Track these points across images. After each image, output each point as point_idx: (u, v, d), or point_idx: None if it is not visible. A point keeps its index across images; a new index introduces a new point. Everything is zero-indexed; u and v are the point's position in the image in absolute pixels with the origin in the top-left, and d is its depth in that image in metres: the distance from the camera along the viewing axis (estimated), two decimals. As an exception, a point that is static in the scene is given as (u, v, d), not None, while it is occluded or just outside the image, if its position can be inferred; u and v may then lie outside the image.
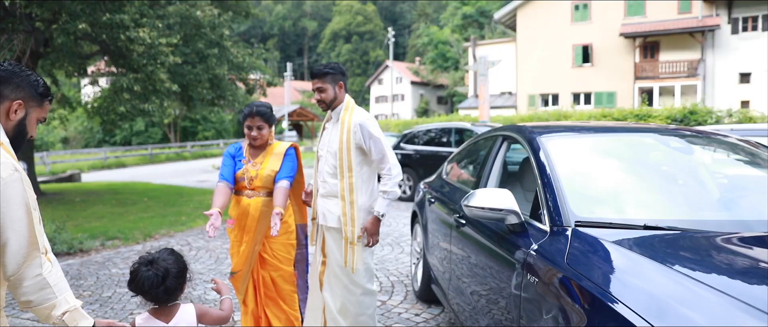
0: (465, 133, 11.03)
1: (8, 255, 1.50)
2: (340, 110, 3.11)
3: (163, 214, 9.52)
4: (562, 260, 1.94)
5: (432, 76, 52.89)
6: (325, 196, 3.14)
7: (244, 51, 11.24)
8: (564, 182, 2.40)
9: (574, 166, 2.63)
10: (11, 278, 1.53)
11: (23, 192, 1.53)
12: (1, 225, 1.48)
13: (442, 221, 3.73)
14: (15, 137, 1.66)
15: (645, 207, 2.35)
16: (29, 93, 1.68)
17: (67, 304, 1.62)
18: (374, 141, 3.03)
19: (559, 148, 2.71)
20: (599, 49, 28.09)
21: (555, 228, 2.20)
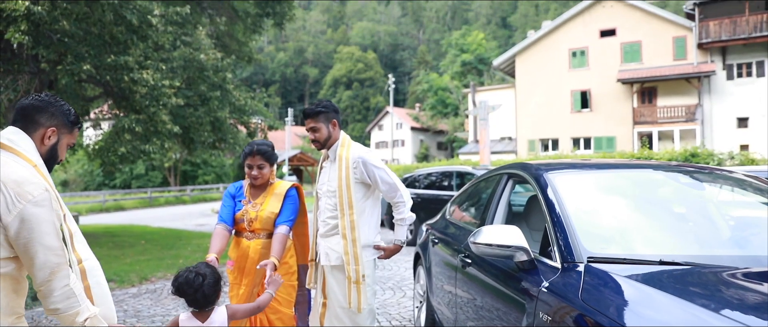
0: (466, 177, 10.98)
1: (37, 267, 1.65)
2: (337, 147, 3.07)
3: (161, 257, 9.37)
4: (576, 297, 1.86)
5: (432, 122, 53.33)
6: (326, 235, 3.07)
7: (246, 94, 11.34)
8: (574, 218, 2.34)
9: (583, 202, 2.57)
10: (41, 288, 1.67)
11: (52, 211, 1.69)
12: (31, 239, 1.64)
13: (446, 262, 3.64)
14: (47, 160, 1.86)
15: (657, 243, 2.29)
16: (62, 121, 1.89)
17: (88, 311, 1.75)
18: (379, 171, 3.00)
19: (566, 184, 2.66)
20: (597, 95, 28.40)
21: (566, 264, 2.12)
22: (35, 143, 1.82)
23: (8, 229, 1.63)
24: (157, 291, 6.69)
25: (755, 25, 24.27)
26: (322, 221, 3.07)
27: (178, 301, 6.13)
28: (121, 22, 7.65)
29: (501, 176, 3.38)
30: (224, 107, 10.18)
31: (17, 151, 1.74)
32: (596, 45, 28.48)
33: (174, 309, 5.72)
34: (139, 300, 6.21)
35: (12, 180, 1.65)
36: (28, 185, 1.66)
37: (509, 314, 2.34)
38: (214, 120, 10.77)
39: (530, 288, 2.18)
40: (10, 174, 1.66)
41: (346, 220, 2.95)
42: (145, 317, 5.39)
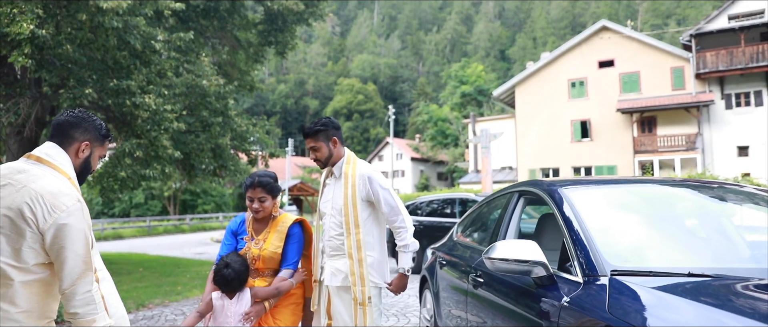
0: (468, 204, 10.87)
1: (65, 271, 1.78)
2: (342, 164, 2.97)
3: (158, 283, 9.19)
4: (602, 310, 1.76)
5: (432, 152, 53.40)
6: (333, 255, 2.95)
7: (247, 121, 11.31)
8: (593, 232, 2.25)
9: (600, 216, 2.49)
10: (65, 291, 1.79)
11: (83, 220, 1.84)
12: (64, 246, 1.77)
13: (455, 284, 3.52)
14: (81, 172, 2.03)
15: (681, 256, 2.20)
16: (94, 135, 2.05)
17: (105, 321, 1.85)
18: (384, 192, 2.91)
19: (582, 199, 2.58)
20: (597, 124, 28.48)
21: (588, 278, 2.02)
22: (70, 156, 1.97)
23: (45, 237, 1.77)
24: (154, 317, 6.52)
25: (751, 55, 24.50)
26: (328, 240, 2.96)
27: (174, 325, 5.96)
28: (125, 47, 7.67)
29: (511, 195, 3.29)
30: (226, 134, 10.13)
31: (53, 165, 1.90)
32: (595, 75, 28.70)
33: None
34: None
35: (48, 192, 1.80)
36: (62, 196, 1.81)
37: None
38: (216, 147, 10.71)
39: (550, 304, 2.07)
40: (47, 186, 1.81)
41: (352, 240, 2.85)
42: (142, 344, 5.23)
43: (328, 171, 3.07)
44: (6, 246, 1.76)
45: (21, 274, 1.77)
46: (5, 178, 1.82)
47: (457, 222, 4.49)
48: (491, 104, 52.87)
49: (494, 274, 2.74)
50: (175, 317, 6.51)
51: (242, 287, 2.83)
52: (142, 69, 7.79)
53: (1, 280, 1.75)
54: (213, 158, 11.14)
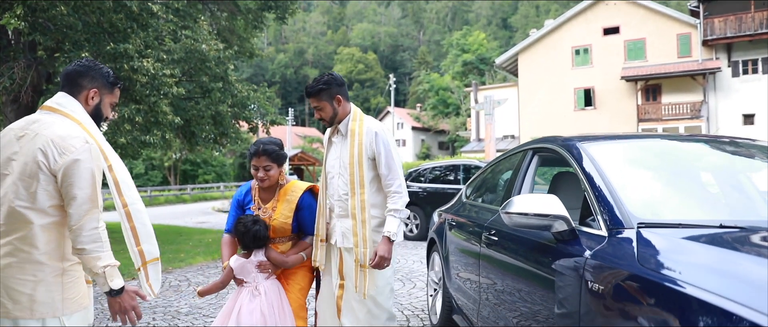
0: (471, 171, 10.78)
1: (73, 208, 1.87)
2: (348, 122, 2.83)
3: (161, 251, 9.08)
4: (632, 262, 1.66)
5: (433, 121, 53.18)
6: (342, 215, 2.84)
7: (248, 87, 11.11)
8: (617, 185, 2.14)
9: (622, 170, 2.38)
10: (73, 228, 1.87)
11: (91, 160, 1.92)
12: (72, 183, 1.87)
13: (465, 245, 3.43)
14: (94, 119, 2.10)
15: (708, 208, 2.11)
16: (102, 82, 2.12)
17: (110, 260, 1.92)
18: (387, 151, 2.76)
19: (602, 153, 2.46)
20: (601, 93, 28.22)
21: (613, 232, 1.92)
22: (81, 104, 2.06)
23: (57, 178, 1.88)
24: (159, 284, 6.48)
25: (761, 21, 24.09)
26: (337, 201, 2.84)
27: (179, 292, 5.92)
28: (121, 10, 7.45)
29: (525, 153, 3.17)
30: (226, 100, 9.95)
31: (64, 112, 2.01)
32: (599, 43, 28.30)
33: (176, 301, 5.51)
34: (139, 293, 6.00)
35: (58, 135, 1.91)
36: (71, 139, 1.92)
37: (547, 289, 2.13)
38: (216, 114, 10.55)
39: (573, 259, 1.97)
40: (57, 131, 1.92)
41: (356, 200, 2.73)
42: (145, 308, 5.19)
43: (333, 128, 2.94)
44: (23, 190, 1.88)
45: (39, 216, 1.88)
46: (22, 130, 1.96)
47: (466, 184, 4.38)
48: (493, 73, 52.36)
49: (509, 231, 2.63)
50: (179, 283, 6.48)
51: (259, 245, 2.86)
52: (140, 32, 7.59)
53: (22, 224, 1.88)
54: (213, 126, 10.99)
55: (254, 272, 2.82)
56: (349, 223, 2.77)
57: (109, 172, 2.03)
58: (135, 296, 2.03)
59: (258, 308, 2.72)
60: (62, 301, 1.92)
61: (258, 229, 2.80)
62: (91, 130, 2.02)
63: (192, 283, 6.50)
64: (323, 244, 2.95)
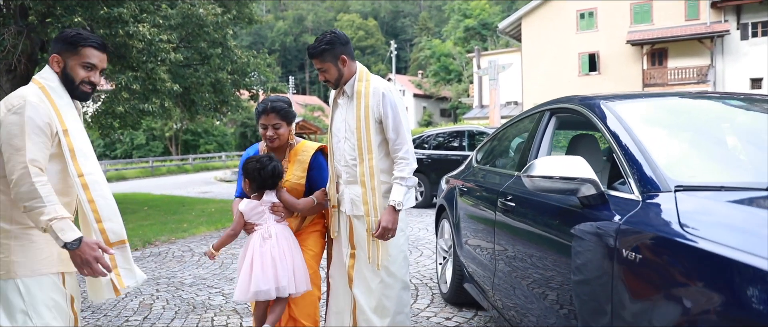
0: (476, 137, 10.61)
1: (8, 168, 1.87)
2: (354, 82, 2.65)
3: (164, 221, 9.08)
4: (672, 228, 1.51)
5: (435, 88, 52.65)
6: (350, 182, 2.68)
7: (247, 53, 10.84)
8: (648, 145, 1.97)
9: (651, 129, 2.21)
10: (11, 184, 1.86)
11: (26, 118, 1.89)
12: (5, 142, 1.88)
13: (478, 211, 3.29)
14: (67, 85, 2.08)
15: (750, 169, 1.94)
16: (61, 46, 2.08)
17: (54, 213, 1.84)
18: (394, 113, 2.57)
19: (628, 112, 2.29)
20: (606, 57, 27.78)
21: (648, 195, 1.76)
22: (53, 70, 2.07)
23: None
24: (162, 254, 6.40)
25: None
26: (345, 166, 2.68)
27: (183, 262, 5.84)
28: (114, -28, 7.17)
29: (541, 114, 2.99)
30: (225, 66, 9.70)
31: (34, 79, 2.05)
32: (605, 6, 27.70)
33: (179, 271, 5.42)
34: (143, 263, 5.92)
35: (7, 97, 1.96)
36: (12, 98, 1.94)
37: (573, 257, 1.99)
38: (216, 81, 10.33)
39: (603, 225, 1.82)
40: (11, 96, 1.96)
41: (364, 166, 2.57)
42: (149, 279, 5.10)
43: (339, 90, 2.77)
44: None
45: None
46: None
47: (476, 149, 4.22)
48: (495, 38, 51.54)
49: (528, 197, 2.49)
50: (182, 254, 6.39)
51: (275, 183, 2.71)
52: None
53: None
54: (213, 94, 10.78)
55: (266, 214, 2.67)
56: (358, 190, 2.62)
57: (65, 136, 1.97)
58: (96, 247, 1.90)
59: (269, 252, 2.58)
60: (14, 263, 1.92)
61: (276, 164, 2.65)
62: (50, 93, 2.00)
63: (195, 253, 6.41)
64: (335, 211, 2.82)
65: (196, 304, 4.21)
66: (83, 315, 4.04)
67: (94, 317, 4.00)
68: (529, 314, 2.45)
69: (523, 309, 2.53)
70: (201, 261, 5.90)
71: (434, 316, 3.79)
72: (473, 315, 3.80)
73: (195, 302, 4.27)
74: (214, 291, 4.59)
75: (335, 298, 2.89)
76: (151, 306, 4.22)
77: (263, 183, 2.65)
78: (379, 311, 2.65)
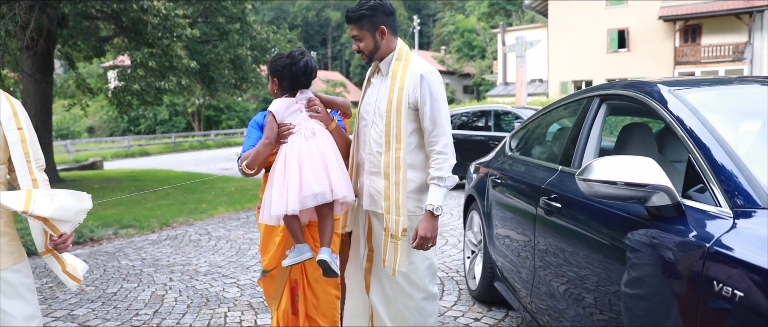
0: (503, 117, 10.22)
1: None
2: (391, 60, 2.32)
3: (183, 201, 8.94)
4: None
5: (458, 65, 51.84)
6: (373, 172, 2.37)
7: (267, 28, 10.53)
8: (738, 147, 1.64)
9: (738, 126, 1.87)
10: None
11: None
12: None
13: (515, 207, 2.98)
14: None
15: None
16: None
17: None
18: (433, 100, 2.23)
19: (704, 103, 1.94)
20: (636, 34, 26.81)
21: (742, 212, 1.43)
22: None
23: None
24: (178, 237, 6.23)
25: (817, -47, 22.26)
26: (369, 154, 2.37)
27: (199, 247, 5.65)
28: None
29: (590, 100, 2.65)
30: (244, 42, 9.41)
31: None
32: (637, -21, 26.65)
33: (195, 258, 5.23)
34: (158, 247, 5.75)
35: None
36: None
37: (632, 274, 1.68)
38: (235, 58, 10.06)
39: (682, 244, 1.50)
40: None
41: (390, 156, 2.26)
42: (163, 266, 4.91)
43: (374, 66, 2.44)
44: None
45: None
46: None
47: (510, 134, 3.88)
48: (520, 14, 50.28)
49: (579, 199, 2.16)
50: (199, 237, 6.21)
51: (304, 84, 2.43)
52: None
53: None
54: (233, 70, 10.53)
55: (303, 113, 2.36)
56: (381, 183, 2.31)
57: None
58: None
59: (316, 150, 2.27)
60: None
61: (309, 59, 2.37)
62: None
63: (212, 236, 6.22)
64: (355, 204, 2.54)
65: (210, 297, 4.00)
66: (93, 307, 3.86)
67: (104, 309, 3.81)
68: (565, 321, 2.17)
69: (561, 316, 2.24)
70: (217, 246, 5.71)
71: (462, 316, 3.52)
72: (504, 315, 3.52)
73: (208, 294, 4.06)
74: (229, 281, 4.38)
75: (352, 301, 2.63)
76: (163, 298, 4.02)
77: (296, 81, 2.37)
78: (397, 320, 2.38)
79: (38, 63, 10.44)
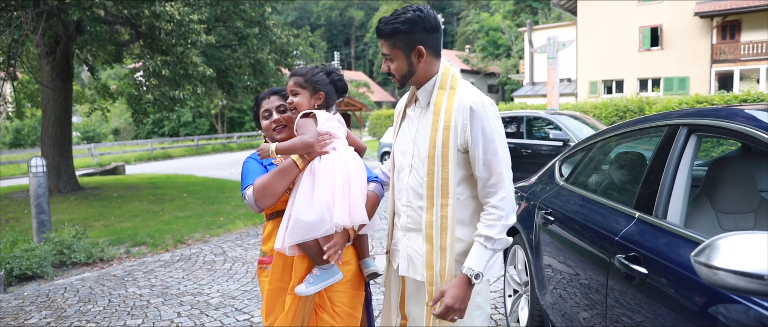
0: (535, 123, 9.66)
1: None
2: (432, 88, 1.82)
3: (201, 213, 8.60)
4: None
5: (482, 64, 51.13)
6: (412, 229, 1.89)
7: (288, 32, 10.14)
8: None
9: None
10: None
11: None
12: None
13: (577, 259, 2.48)
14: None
15: None
16: None
17: None
18: (488, 140, 1.72)
19: None
20: (670, 31, 25.78)
21: None
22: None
23: None
24: (192, 258, 5.86)
25: None
26: (407, 207, 1.89)
27: (212, 271, 5.25)
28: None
29: (674, 130, 2.13)
30: (264, 47, 9.02)
31: None
32: (671, -26, 25.62)
33: (207, 285, 4.83)
34: (170, 270, 5.38)
35: None
36: None
37: None
38: (255, 62, 9.69)
39: None
40: None
41: (434, 215, 1.77)
42: (172, 296, 4.52)
43: (411, 93, 1.96)
44: None
45: None
46: None
47: (560, 159, 3.37)
48: (547, 12, 49.29)
49: (675, 268, 1.67)
50: (214, 258, 5.83)
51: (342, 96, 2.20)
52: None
53: None
54: (253, 75, 10.17)
55: (343, 128, 2.08)
56: (422, 246, 1.83)
57: None
58: None
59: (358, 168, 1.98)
60: None
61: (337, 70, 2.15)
62: None
63: (228, 257, 5.83)
64: (388, 263, 2.08)
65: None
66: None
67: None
68: None
69: None
70: (232, 270, 5.31)
71: (506, 372, 3.03)
72: (556, 372, 3.01)
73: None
74: (242, 318, 3.96)
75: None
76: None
77: (334, 98, 2.11)
78: None
79: (58, 69, 10.23)
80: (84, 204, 9.83)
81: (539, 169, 3.71)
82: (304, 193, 1.87)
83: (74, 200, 10.14)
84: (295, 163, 1.92)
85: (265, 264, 2.12)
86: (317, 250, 1.92)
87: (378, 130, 30.56)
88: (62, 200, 10.13)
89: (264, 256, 2.13)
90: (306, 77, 2.05)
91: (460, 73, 7.15)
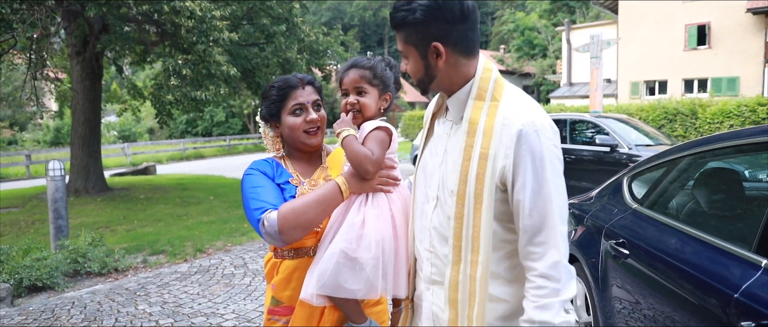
0: (578, 126, 9.01)
1: None
2: (466, 98, 1.31)
3: (225, 218, 8.26)
4: None
5: (517, 64, 50.18)
6: (436, 282, 1.38)
7: (317, 30, 9.73)
8: None
9: None
10: None
11: None
12: None
13: (680, 306, 1.94)
14: None
15: None
16: None
17: None
18: (538, 177, 1.19)
19: None
20: (718, 29, 24.50)
21: None
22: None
23: None
24: (210, 270, 5.48)
25: None
26: (429, 252, 1.39)
27: (230, 286, 4.85)
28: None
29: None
30: (292, 45, 8.63)
31: None
32: (721, -31, 24.33)
33: (223, 303, 4.43)
34: (185, 284, 5.00)
35: None
36: None
37: None
38: (284, 61, 9.32)
39: None
40: None
41: (461, 273, 1.26)
42: (184, 316, 4.13)
43: (440, 100, 1.46)
44: None
45: None
46: None
47: (629, 173, 2.82)
48: (585, 10, 47.95)
49: None
50: (234, 270, 5.43)
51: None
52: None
53: None
54: (282, 75, 9.81)
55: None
56: (446, 311, 1.31)
57: None
58: None
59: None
60: None
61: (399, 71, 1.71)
62: None
63: (249, 270, 5.43)
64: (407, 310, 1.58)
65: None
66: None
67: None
68: None
69: None
70: (251, 286, 4.90)
71: None
72: None
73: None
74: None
75: None
76: (172, 372, 3.21)
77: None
78: None
79: (87, 70, 10.09)
80: (109, 206, 9.64)
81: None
82: (352, 229, 1.43)
83: (101, 201, 9.96)
84: (339, 190, 1.47)
85: (278, 316, 1.65)
86: (356, 305, 1.48)
87: (411, 132, 30.05)
88: (89, 201, 9.97)
89: (277, 305, 1.65)
90: (375, 72, 1.57)
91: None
